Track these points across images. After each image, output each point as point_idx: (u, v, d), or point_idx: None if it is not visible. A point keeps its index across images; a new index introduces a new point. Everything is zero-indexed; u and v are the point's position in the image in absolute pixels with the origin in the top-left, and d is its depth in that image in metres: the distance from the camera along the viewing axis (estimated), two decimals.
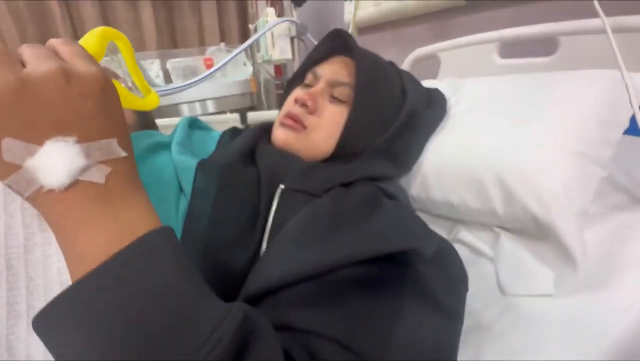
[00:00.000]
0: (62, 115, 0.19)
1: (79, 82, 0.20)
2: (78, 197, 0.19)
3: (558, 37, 0.60)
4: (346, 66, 0.45)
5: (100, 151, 0.20)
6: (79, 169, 0.19)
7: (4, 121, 0.18)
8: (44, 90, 0.19)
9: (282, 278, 0.27)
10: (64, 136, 0.19)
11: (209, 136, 0.48)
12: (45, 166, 0.18)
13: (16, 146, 0.18)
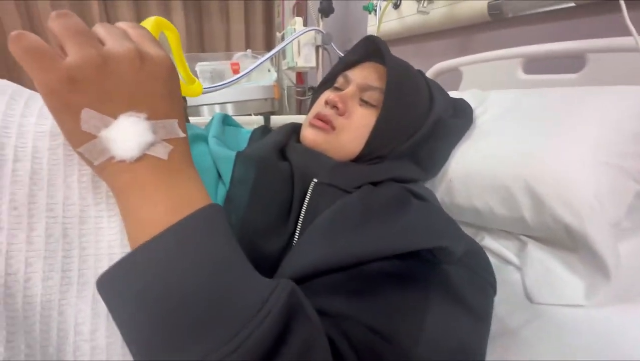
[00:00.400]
0: (134, 92, 0.21)
1: (151, 64, 0.22)
2: (144, 169, 0.21)
3: (586, 54, 0.60)
4: (377, 71, 0.46)
5: (165, 129, 0.22)
6: (148, 144, 0.21)
7: (83, 93, 0.20)
8: (121, 68, 0.21)
9: (314, 265, 0.28)
10: (137, 112, 0.21)
11: (239, 133, 0.50)
12: (118, 138, 0.20)
13: (93, 116, 0.20)
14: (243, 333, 0.18)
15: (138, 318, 0.19)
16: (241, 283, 0.20)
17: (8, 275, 0.22)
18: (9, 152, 0.24)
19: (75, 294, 0.24)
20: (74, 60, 0.19)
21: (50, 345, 0.22)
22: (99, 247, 0.25)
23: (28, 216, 0.23)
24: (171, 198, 0.21)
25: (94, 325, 0.24)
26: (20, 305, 0.22)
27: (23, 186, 0.24)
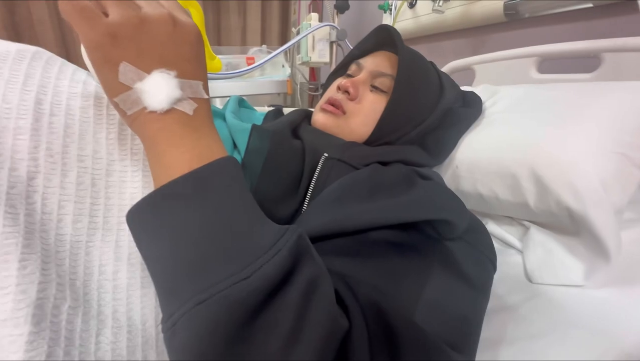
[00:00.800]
0: (167, 53, 0.23)
1: (182, 28, 0.24)
2: (172, 120, 0.23)
3: (601, 54, 0.60)
4: (389, 59, 0.47)
5: (191, 88, 0.24)
6: (176, 99, 0.23)
7: (122, 49, 0.22)
8: (156, 30, 0.23)
9: (321, 228, 0.29)
10: (168, 70, 0.23)
11: (253, 114, 0.52)
12: (150, 90, 0.22)
13: (130, 70, 0.22)
14: (255, 265, 0.19)
15: (162, 247, 0.21)
16: (255, 223, 0.22)
17: (43, 213, 0.24)
18: (45, 107, 0.27)
19: (100, 238, 0.26)
20: (115, 19, 0.22)
21: (77, 279, 0.24)
22: (122, 198, 0.27)
23: (62, 164, 0.26)
24: (195, 148, 0.23)
25: (116, 266, 0.26)
26: (53, 241, 0.24)
27: (58, 137, 0.26)
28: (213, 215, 0.21)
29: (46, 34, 1.33)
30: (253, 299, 0.19)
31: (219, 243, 0.20)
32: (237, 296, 0.18)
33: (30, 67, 0.28)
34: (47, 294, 0.22)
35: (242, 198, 0.23)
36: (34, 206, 0.23)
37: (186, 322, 0.18)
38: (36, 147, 0.25)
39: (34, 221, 0.23)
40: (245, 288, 0.18)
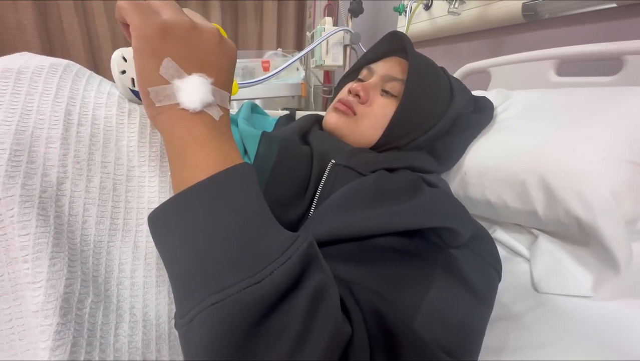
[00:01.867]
0: (209, 61, 0.26)
1: (225, 46, 0.27)
2: (200, 122, 0.25)
3: (624, 56, 0.58)
4: (400, 64, 0.48)
5: (220, 97, 0.26)
6: (207, 103, 0.25)
7: (171, 45, 0.24)
8: (204, 37, 0.25)
9: (327, 234, 0.30)
10: (207, 76, 0.25)
11: (266, 120, 0.54)
12: (187, 90, 0.24)
13: (172, 66, 0.24)
14: (267, 270, 0.20)
15: (181, 249, 0.22)
16: (269, 229, 0.23)
17: (70, 215, 0.26)
18: (74, 118, 0.29)
19: (120, 238, 0.28)
20: (170, 18, 0.24)
21: (99, 276, 0.26)
22: (140, 201, 0.30)
23: (87, 170, 0.28)
24: (220, 151, 0.25)
25: (134, 265, 0.28)
26: (79, 241, 0.26)
27: (84, 145, 0.28)
28: (230, 220, 0.22)
29: (75, 41, 1.41)
30: (264, 303, 0.20)
31: (234, 247, 0.21)
32: (249, 299, 0.19)
33: (61, 80, 0.31)
34: (73, 289, 0.24)
35: (258, 204, 0.24)
36: (63, 209, 0.26)
37: (202, 320, 0.20)
38: (65, 154, 0.27)
39: (62, 222, 0.25)
40: (257, 292, 0.20)
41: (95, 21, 1.42)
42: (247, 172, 0.25)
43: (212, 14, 1.62)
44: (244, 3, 1.68)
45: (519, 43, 0.90)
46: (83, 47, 1.41)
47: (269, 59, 1.39)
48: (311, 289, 0.21)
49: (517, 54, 0.77)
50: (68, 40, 1.40)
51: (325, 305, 0.21)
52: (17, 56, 0.33)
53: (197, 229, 0.22)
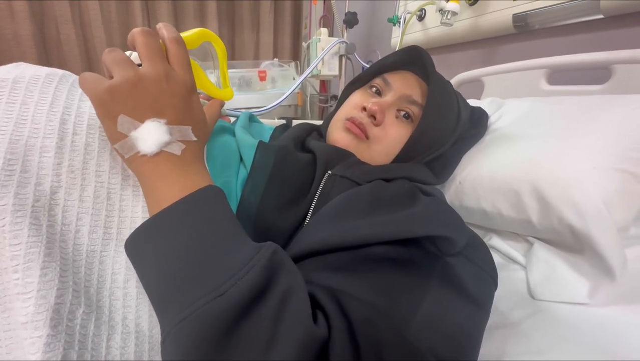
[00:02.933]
0: (159, 104, 0.27)
1: (175, 84, 0.28)
2: (162, 160, 0.27)
3: (612, 65, 0.59)
4: (420, 86, 0.46)
5: (180, 133, 0.28)
6: (165, 143, 0.26)
7: (120, 104, 0.26)
8: (151, 86, 0.27)
9: (320, 243, 0.30)
10: (159, 118, 0.26)
11: (263, 129, 0.54)
12: (143, 137, 0.26)
13: (126, 121, 0.26)
14: (230, 282, 0.21)
15: (151, 271, 0.24)
16: (233, 244, 0.24)
17: (63, 225, 0.26)
18: (69, 127, 0.29)
19: (113, 248, 0.28)
20: (115, 80, 0.26)
21: (91, 286, 0.26)
22: (135, 211, 0.30)
23: (81, 179, 0.28)
24: (182, 183, 0.26)
25: (127, 275, 0.27)
26: (71, 250, 0.26)
27: (79, 154, 0.28)
28: (193, 240, 0.24)
29: (72, 51, 1.41)
30: (230, 314, 0.20)
31: (198, 264, 0.23)
32: (213, 312, 0.20)
33: (57, 90, 0.31)
34: (64, 300, 0.24)
35: (222, 222, 0.25)
36: (55, 218, 0.26)
37: (173, 337, 0.20)
38: (59, 163, 0.27)
39: (55, 231, 0.25)
40: (221, 304, 0.20)
41: (92, 32, 1.44)
42: (209, 193, 0.27)
43: (209, 25, 1.64)
44: (240, 14, 1.70)
45: (510, 53, 0.92)
46: (80, 57, 1.42)
47: (266, 69, 1.40)
48: (277, 296, 0.22)
49: (509, 64, 0.78)
50: (65, 51, 1.41)
51: (292, 310, 0.21)
52: (13, 66, 0.33)
53: (162, 253, 0.23)
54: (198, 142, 0.29)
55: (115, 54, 0.28)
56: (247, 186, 0.36)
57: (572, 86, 0.67)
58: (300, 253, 0.30)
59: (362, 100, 0.46)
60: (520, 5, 0.80)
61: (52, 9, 1.35)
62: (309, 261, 0.30)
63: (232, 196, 0.36)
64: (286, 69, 1.45)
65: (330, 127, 0.48)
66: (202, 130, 0.31)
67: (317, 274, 0.28)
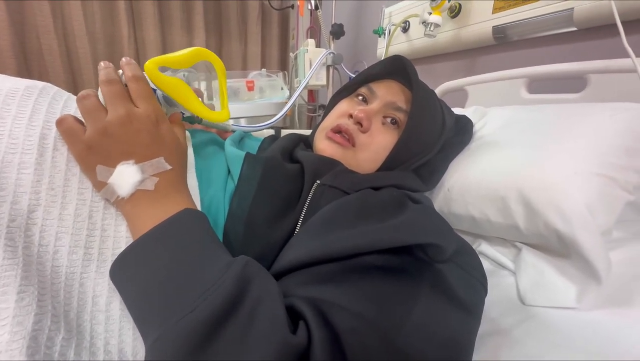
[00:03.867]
0: (127, 146, 0.28)
1: (137, 121, 0.29)
2: (137, 199, 0.28)
3: (587, 75, 0.62)
4: (404, 93, 0.47)
5: (152, 167, 0.29)
6: (138, 182, 0.28)
7: (96, 155, 0.28)
8: (116, 130, 0.28)
9: (308, 255, 0.30)
10: (128, 160, 0.28)
11: (253, 141, 0.54)
12: (117, 182, 0.28)
13: (103, 170, 0.28)
14: (200, 298, 0.22)
15: (130, 297, 0.25)
16: (205, 262, 0.25)
17: (41, 246, 0.25)
18: (49, 142, 0.28)
19: (94, 269, 0.27)
20: (88, 132, 0.28)
21: (71, 310, 0.25)
22: (118, 230, 0.29)
23: (62, 196, 0.27)
24: (156, 215, 0.28)
25: (109, 298, 0.26)
26: (49, 273, 0.24)
27: (60, 171, 0.27)
28: (165, 263, 0.25)
29: (55, 62, 1.38)
30: (201, 329, 0.20)
31: (171, 285, 0.23)
32: (184, 329, 0.20)
33: (37, 102, 0.30)
34: (42, 326, 0.22)
35: (194, 243, 0.26)
36: (32, 239, 0.24)
37: (150, 357, 0.21)
38: (39, 180, 0.26)
39: (32, 253, 0.24)
40: (192, 320, 0.21)
41: (76, 42, 1.41)
42: (181, 219, 0.28)
43: (197, 36, 1.64)
44: (228, 25, 1.71)
45: (491, 63, 0.95)
46: (62, 68, 1.39)
47: (253, 79, 1.41)
48: (248, 306, 0.22)
49: (491, 73, 0.81)
50: (47, 62, 1.37)
51: (263, 319, 0.22)
52: None
53: (139, 279, 0.25)
54: (175, 169, 0.31)
55: (85, 103, 0.29)
56: (234, 199, 0.36)
57: (550, 94, 0.70)
58: (289, 266, 0.30)
59: (349, 108, 0.47)
60: (499, 17, 0.84)
61: (33, 19, 1.32)
62: (296, 274, 0.30)
63: (219, 211, 0.36)
64: (274, 79, 1.45)
65: (316, 137, 0.49)
66: (178, 155, 0.32)
67: (302, 287, 0.28)
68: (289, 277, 0.30)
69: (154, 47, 1.54)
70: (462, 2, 0.91)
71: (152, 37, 1.54)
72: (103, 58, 1.49)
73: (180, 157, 0.32)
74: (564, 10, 0.70)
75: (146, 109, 0.30)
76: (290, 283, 0.29)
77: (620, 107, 0.44)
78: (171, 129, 0.32)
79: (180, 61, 0.34)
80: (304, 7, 1.40)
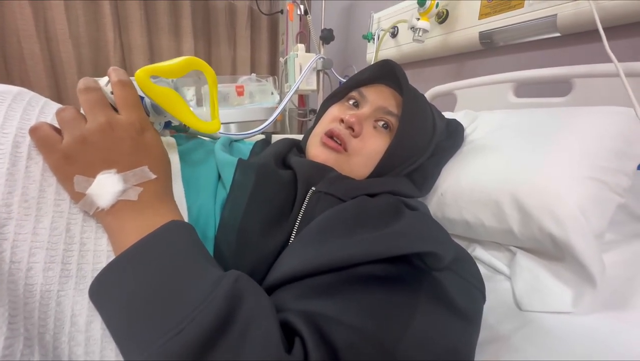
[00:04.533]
0: (108, 154, 0.27)
1: (119, 129, 0.28)
2: (119, 210, 0.27)
3: (572, 79, 0.63)
4: (394, 97, 0.47)
5: (135, 176, 0.27)
6: (119, 192, 0.26)
7: (74, 165, 0.26)
8: (97, 139, 0.27)
9: (303, 266, 0.29)
10: (109, 169, 0.26)
11: (243, 145, 0.52)
12: (97, 192, 0.26)
13: (81, 180, 0.26)
14: (188, 319, 0.20)
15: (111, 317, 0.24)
16: (191, 279, 0.24)
17: (12, 263, 0.23)
18: (23, 151, 0.26)
19: (73, 286, 0.25)
20: (65, 141, 0.26)
21: (47, 332, 0.23)
22: (98, 244, 0.27)
23: (36, 209, 0.25)
24: (140, 228, 0.26)
25: (89, 316, 0.25)
26: (22, 292, 0.23)
27: (35, 181, 0.26)
28: (149, 281, 0.23)
29: (36, 67, 1.34)
30: (190, 352, 0.19)
31: (156, 304, 0.22)
32: (171, 353, 0.19)
33: (10, 109, 0.28)
34: (13, 351, 0.21)
35: (180, 258, 0.25)
36: (3, 255, 0.23)
37: None
38: (10, 192, 0.24)
39: (2, 271, 0.22)
40: (179, 342, 0.20)
41: (59, 47, 1.37)
42: (165, 233, 0.26)
43: (184, 41, 1.62)
44: (216, 30, 1.70)
45: (479, 67, 0.97)
46: (45, 73, 1.35)
47: (243, 83, 1.39)
48: (238, 325, 0.21)
49: (479, 78, 0.82)
50: (28, 67, 1.33)
51: (255, 338, 0.21)
52: None
53: (121, 298, 0.23)
54: (160, 179, 0.29)
55: (64, 114, 0.28)
56: (226, 207, 0.35)
57: (537, 98, 0.71)
58: (283, 278, 0.29)
59: (340, 113, 0.46)
60: (486, 23, 0.85)
61: (13, 22, 1.28)
62: (291, 286, 0.28)
63: (209, 220, 0.34)
64: (264, 84, 1.44)
65: (308, 143, 0.48)
66: (163, 165, 0.30)
67: (297, 300, 0.27)
68: (283, 290, 0.29)
69: (140, 52, 1.51)
70: (449, 8, 0.92)
71: (138, 41, 1.51)
72: (87, 63, 1.45)
73: (166, 166, 0.31)
74: (548, 17, 0.71)
75: (129, 117, 0.29)
76: (285, 296, 0.27)
77: (609, 111, 0.45)
78: (156, 137, 0.31)
79: (172, 70, 0.33)
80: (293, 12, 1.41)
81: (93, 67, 1.44)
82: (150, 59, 1.54)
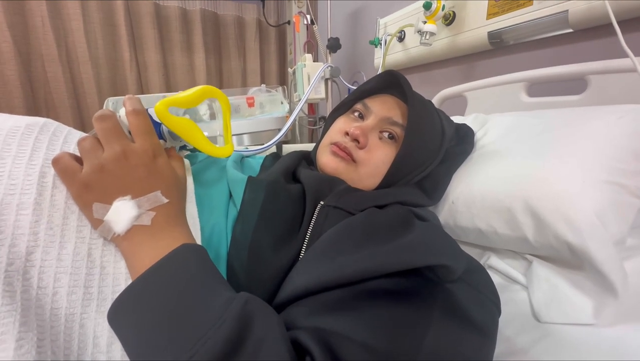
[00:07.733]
0: (124, 181, 0.28)
1: (134, 156, 0.29)
2: (134, 235, 0.28)
3: (587, 76, 0.61)
4: (399, 106, 0.47)
5: (149, 201, 0.29)
6: (134, 218, 0.28)
7: (93, 193, 0.28)
8: (113, 167, 0.28)
9: (314, 283, 0.29)
10: (124, 196, 0.28)
11: (254, 160, 0.53)
12: (113, 219, 0.28)
13: (99, 207, 0.28)
14: (199, 343, 0.21)
15: (129, 343, 0.24)
16: (201, 303, 0.24)
17: (39, 288, 0.24)
18: (48, 180, 0.28)
19: (95, 308, 0.26)
20: (84, 171, 0.28)
21: (71, 354, 0.24)
22: (117, 267, 0.28)
23: (60, 235, 0.27)
24: (153, 251, 0.27)
25: (110, 338, 0.26)
26: (48, 316, 0.24)
27: (59, 209, 0.27)
28: (159, 307, 0.24)
29: (59, 88, 1.42)
30: None
31: (168, 329, 0.23)
32: None
33: (37, 140, 0.30)
34: None
35: (191, 282, 0.26)
36: (31, 282, 0.24)
37: None
38: (37, 221, 0.26)
39: (30, 297, 0.24)
40: None
41: (80, 68, 1.45)
42: (176, 257, 0.27)
43: (197, 56, 1.67)
44: (226, 44, 1.74)
45: (489, 68, 0.95)
46: (67, 94, 1.42)
47: (253, 95, 1.42)
48: (249, 348, 0.21)
49: (490, 78, 0.80)
50: (52, 89, 1.41)
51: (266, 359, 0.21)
52: None
53: (136, 324, 0.24)
54: (172, 202, 0.30)
55: (84, 144, 0.29)
56: (237, 225, 0.35)
57: (551, 97, 0.69)
58: (294, 294, 0.29)
59: (345, 125, 0.47)
60: (494, 23, 0.84)
61: (38, 47, 1.36)
62: (302, 303, 0.29)
63: (222, 239, 0.35)
64: (274, 94, 1.47)
65: (318, 153, 0.49)
66: (175, 188, 0.32)
67: (308, 317, 0.27)
68: (294, 306, 0.29)
69: (155, 69, 1.58)
70: (456, 10, 0.91)
71: (153, 59, 1.57)
72: (106, 82, 1.52)
73: (179, 190, 0.32)
74: (559, 13, 0.69)
75: (143, 144, 0.30)
76: (296, 312, 0.28)
77: (625, 110, 0.43)
78: (168, 162, 0.32)
79: (189, 100, 0.35)
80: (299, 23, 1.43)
81: (111, 86, 1.51)
82: (165, 75, 1.60)
